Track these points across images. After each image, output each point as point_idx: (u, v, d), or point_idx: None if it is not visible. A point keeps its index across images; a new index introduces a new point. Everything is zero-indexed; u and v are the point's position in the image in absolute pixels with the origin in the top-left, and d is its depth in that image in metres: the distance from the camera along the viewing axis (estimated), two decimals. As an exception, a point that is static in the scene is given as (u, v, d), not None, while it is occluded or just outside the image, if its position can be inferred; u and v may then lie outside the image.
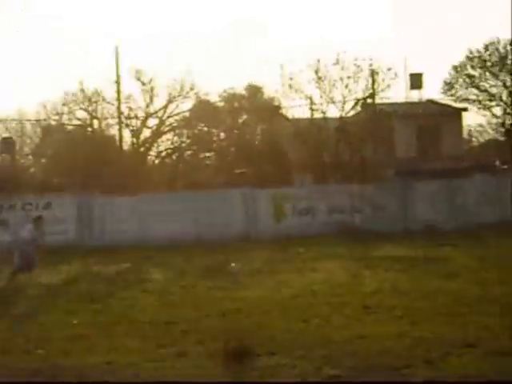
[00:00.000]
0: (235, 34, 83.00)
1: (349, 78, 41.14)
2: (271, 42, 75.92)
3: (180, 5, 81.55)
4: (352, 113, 42.93)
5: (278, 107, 44.68)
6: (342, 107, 41.95)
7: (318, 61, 40.89)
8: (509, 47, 48.26)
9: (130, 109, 45.80)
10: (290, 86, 41.36)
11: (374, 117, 42.42)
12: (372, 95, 42.12)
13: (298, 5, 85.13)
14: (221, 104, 47.87)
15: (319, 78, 41.26)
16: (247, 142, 46.51)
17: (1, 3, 67.60)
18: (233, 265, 21.34)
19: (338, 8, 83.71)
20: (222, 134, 48.66)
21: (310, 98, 42.12)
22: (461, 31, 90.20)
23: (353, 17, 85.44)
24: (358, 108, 43.20)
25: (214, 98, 47.48)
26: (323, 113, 42.11)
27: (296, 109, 43.04)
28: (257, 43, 78.01)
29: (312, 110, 42.63)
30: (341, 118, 42.13)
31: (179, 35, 71.09)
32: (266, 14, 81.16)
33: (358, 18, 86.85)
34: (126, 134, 46.28)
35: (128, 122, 45.83)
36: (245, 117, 48.48)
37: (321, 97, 41.82)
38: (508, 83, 48.32)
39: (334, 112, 42.32)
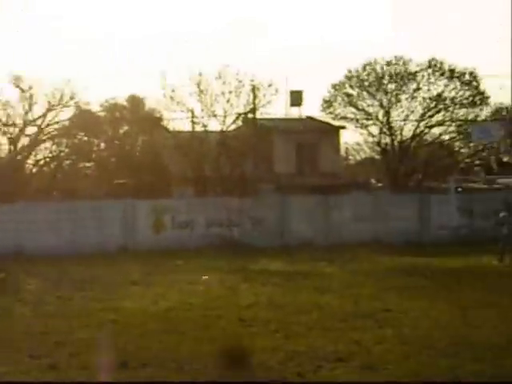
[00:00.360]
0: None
1: (230, 92, 41.54)
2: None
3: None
4: (233, 127, 43.28)
5: (160, 119, 44.61)
6: (224, 121, 42.28)
7: (200, 74, 41.12)
8: (385, 68, 49.55)
9: (8, 116, 44.80)
10: (172, 98, 41.43)
11: (254, 132, 42.83)
12: (253, 110, 42.56)
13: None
14: (102, 114, 47.36)
15: (201, 92, 41.47)
16: (128, 153, 46.16)
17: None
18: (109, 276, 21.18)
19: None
20: (103, 145, 48.14)
21: (192, 111, 42.26)
22: (341, 51, 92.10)
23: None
24: (239, 122, 43.58)
25: (95, 107, 46.95)
26: (204, 126, 42.30)
27: (177, 121, 43.12)
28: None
29: (193, 122, 42.77)
30: (222, 131, 42.40)
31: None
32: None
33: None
34: (4, 141, 45.28)
35: (5, 129, 44.82)
36: (126, 127, 48.15)
37: (202, 110, 42.04)
38: (384, 103, 49.53)
39: (215, 125, 42.61)
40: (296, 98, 49.12)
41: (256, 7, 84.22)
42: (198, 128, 42.67)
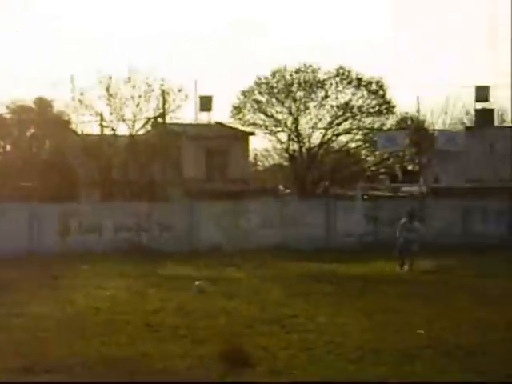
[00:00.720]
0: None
1: (140, 96, 41.41)
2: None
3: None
4: (142, 131, 43.14)
5: (68, 122, 44.09)
6: (133, 125, 42.12)
7: (110, 78, 40.85)
8: (294, 75, 50.08)
9: None
10: (81, 102, 41.04)
11: (163, 136, 42.75)
12: (162, 115, 42.50)
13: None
14: (8, 115, 46.58)
15: (110, 95, 41.19)
16: (34, 156, 45.51)
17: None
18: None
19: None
20: (8, 147, 47.36)
21: (101, 115, 41.94)
22: (251, 58, 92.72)
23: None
24: (149, 127, 43.47)
25: (1, 109, 46.15)
26: (113, 130, 42.05)
27: (86, 124, 42.74)
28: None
29: (102, 126, 42.45)
30: (131, 135, 42.20)
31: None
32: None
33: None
34: None
35: None
36: (33, 130, 47.46)
37: (111, 114, 41.77)
38: (293, 110, 50.06)
39: (124, 130, 42.39)
40: (205, 104, 49.30)
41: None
42: (107, 132, 42.39)
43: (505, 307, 15.62)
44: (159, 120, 42.75)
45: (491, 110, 63.43)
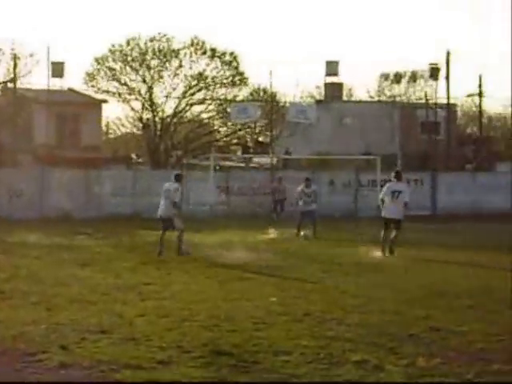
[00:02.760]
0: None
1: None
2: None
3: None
4: (-8, 96, 41.96)
5: None
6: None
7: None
8: (149, 43, 49.76)
9: None
10: None
11: (13, 101, 41.67)
12: (13, 80, 41.38)
13: None
14: None
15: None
16: None
17: None
18: None
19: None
20: None
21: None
22: (105, 25, 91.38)
23: None
24: (-1, 92, 42.32)
25: None
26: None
27: None
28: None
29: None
30: (-21, 99, 40.97)
31: None
32: None
33: None
34: None
35: None
36: None
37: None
38: (147, 79, 49.78)
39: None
40: (57, 70, 48.26)
41: None
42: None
43: (355, 276, 16.23)
44: (9, 85, 41.62)
45: (340, 85, 65.12)
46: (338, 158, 46.56)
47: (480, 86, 55.18)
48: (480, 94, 56.17)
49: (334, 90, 63.52)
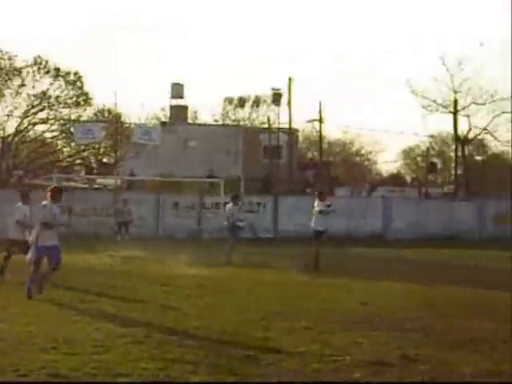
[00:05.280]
0: None
1: None
2: None
3: None
4: None
5: None
6: None
7: None
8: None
9: None
10: None
11: None
12: None
13: None
14: None
15: None
16: None
17: None
18: None
19: None
20: None
21: None
22: None
23: None
24: None
25: None
26: None
27: None
28: None
29: None
30: None
31: None
32: None
33: None
34: None
35: None
36: None
37: None
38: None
39: None
40: None
41: None
42: None
43: (197, 298, 16.40)
44: None
45: (185, 107, 65.60)
46: (183, 180, 46.85)
47: (320, 112, 56.89)
48: (320, 120, 57.90)
49: (179, 112, 63.98)
